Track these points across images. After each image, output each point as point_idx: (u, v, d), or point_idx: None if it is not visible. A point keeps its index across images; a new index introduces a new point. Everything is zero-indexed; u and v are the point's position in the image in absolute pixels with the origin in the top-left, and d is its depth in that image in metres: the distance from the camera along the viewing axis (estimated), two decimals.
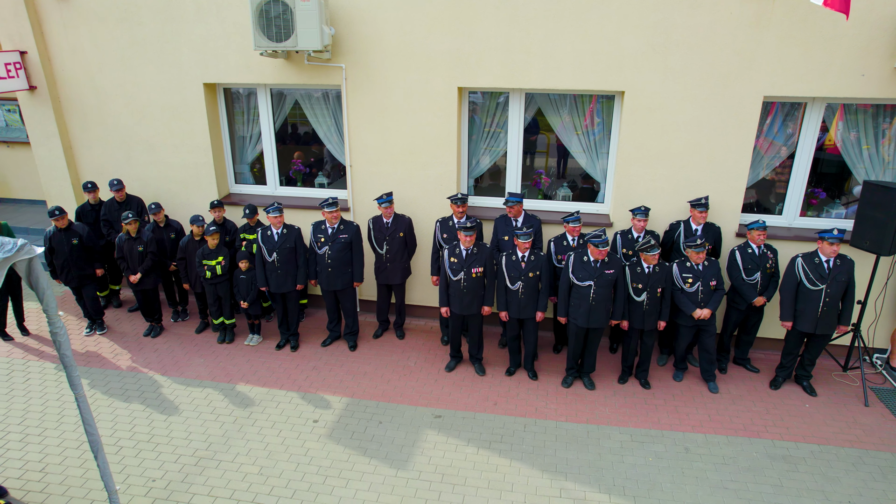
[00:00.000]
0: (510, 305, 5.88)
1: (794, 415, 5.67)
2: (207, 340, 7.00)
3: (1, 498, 3.26)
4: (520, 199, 6.08)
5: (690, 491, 4.75)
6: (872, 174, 6.09)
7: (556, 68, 6.02)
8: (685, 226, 6.08)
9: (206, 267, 6.59)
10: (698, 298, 5.72)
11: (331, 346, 6.86)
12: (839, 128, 6.10)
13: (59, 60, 7.11)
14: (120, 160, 7.48)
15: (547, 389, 6.06)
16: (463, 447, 5.22)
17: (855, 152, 6.09)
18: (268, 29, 6.00)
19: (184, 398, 5.92)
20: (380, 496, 4.69)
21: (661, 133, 6.05)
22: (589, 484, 4.81)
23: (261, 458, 5.11)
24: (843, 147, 6.10)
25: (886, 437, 5.36)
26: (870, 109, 5.92)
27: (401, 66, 6.32)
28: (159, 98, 7.07)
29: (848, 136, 6.06)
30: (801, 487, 4.78)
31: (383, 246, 6.50)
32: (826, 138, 6.17)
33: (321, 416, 5.63)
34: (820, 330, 5.62)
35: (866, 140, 6.07)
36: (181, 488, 4.78)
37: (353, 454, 5.14)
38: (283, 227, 6.34)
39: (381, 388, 6.07)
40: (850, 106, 5.94)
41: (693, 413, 5.70)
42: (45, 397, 5.91)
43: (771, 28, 5.51)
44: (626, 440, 5.33)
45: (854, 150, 6.08)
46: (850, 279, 5.51)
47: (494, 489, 4.76)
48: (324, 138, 7.19)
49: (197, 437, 5.37)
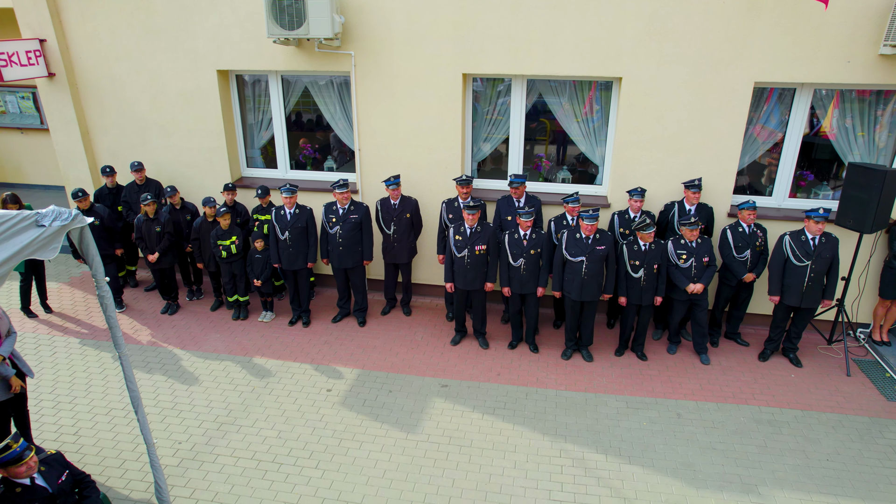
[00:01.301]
0: (512, 281, 6.19)
1: (781, 384, 6.01)
2: (222, 317, 7.32)
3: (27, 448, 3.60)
4: (523, 180, 6.38)
5: (681, 451, 5.09)
6: (869, 160, 6.36)
7: (557, 55, 6.30)
8: (679, 206, 6.38)
9: (220, 247, 6.89)
10: (692, 274, 6.04)
11: (341, 322, 7.19)
12: (834, 115, 6.38)
13: (77, 48, 7.36)
14: (135, 145, 7.75)
15: (547, 361, 6.39)
16: (469, 413, 5.56)
17: (848, 139, 6.34)
18: (280, 17, 6.26)
19: (203, 370, 6.25)
20: (391, 456, 5.03)
21: (656, 118, 6.33)
22: (587, 446, 5.15)
23: (279, 423, 5.44)
24: (838, 134, 6.36)
25: (865, 403, 5.70)
26: (868, 97, 6.16)
27: (408, 54, 6.59)
28: (174, 84, 7.33)
29: (843, 123, 6.33)
30: (783, 448, 5.12)
31: (391, 226, 6.80)
32: (822, 126, 6.45)
33: (334, 386, 5.96)
34: (805, 304, 5.94)
35: (861, 128, 6.35)
36: (205, 450, 5.11)
37: (365, 419, 5.48)
38: (295, 207, 6.63)
39: (390, 361, 6.40)
40: (847, 94, 6.20)
41: (685, 382, 6.03)
42: (72, 369, 6.23)
43: (762, 16, 5.78)
44: (621, 407, 5.67)
45: (848, 137, 6.34)
46: (835, 256, 5.83)
47: (498, 450, 5.10)
48: (332, 123, 7.46)
49: (217, 404, 5.70)
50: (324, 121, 7.55)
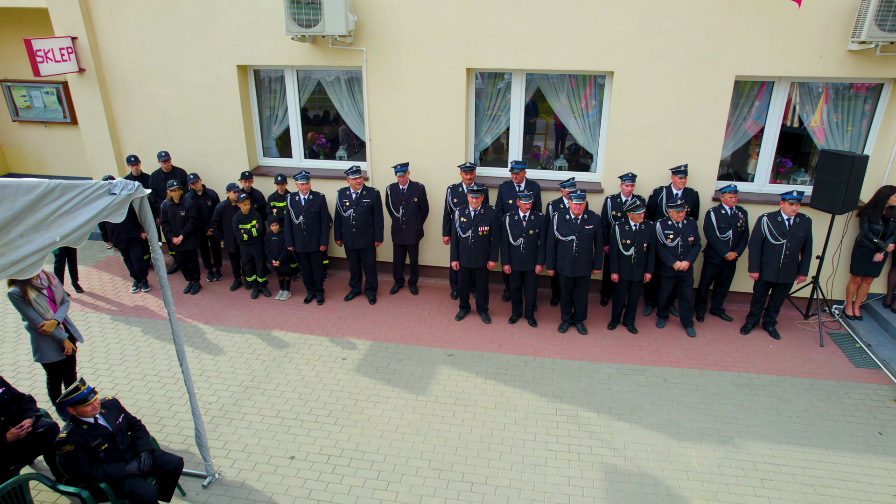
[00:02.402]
0: (513, 259, 6.71)
1: (759, 353, 6.53)
2: (242, 296, 7.84)
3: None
4: (523, 166, 6.90)
5: (666, 410, 5.61)
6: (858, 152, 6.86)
7: (554, 51, 6.81)
8: (667, 190, 6.90)
9: (241, 230, 7.41)
10: (678, 252, 6.56)
11: (353, 300, 7.71)
12: (824, 110, 6.88)
13: (106, 45, 7.87)
14: (159, 135, 8.26)
15: (545, 334, 6.92)
16: (473, 378, 6.08)
17: (833, 133, 6.86)
18: (298, 15, 6.77)
19: (226, 342, 6.77)
20: (403, 414, 5.55)
21: (646, 109, 6.85)
22: (580, 405, 5.68)
23: (299, 387, 5.96)
24: (828, 128, 6.87)
25: (835, 369, 6.23)
26: (864, 92, 6.64)
27: (415, 50, 7.10)
28: (196, 79, 7.84)
29: (832, 118, 6.83)
30: (758, 407, 5.65)
31: (399, 210, 7.32)
32: (812, 120, 6.95)
33: (349, 355, 6.48)
34: (782, 279, 6.46)
35: (850, 122, 6.84)
36: (234, 409, 5.63)
37: (378, 383, 6.00)
38: (309, 194, 7.15)
39: (400, 334, 6.92)
40: (838, 89, 6.70)
41: (672, 352, 6.56)
42: (107, 341, 6.75)
43: (742, 15, 6.29)
44: (613, 373, 6.19)
45: (833, 130, 6.85)
46: (808, 235, 6.35)
47: (500, 409, 5.62)
48: (342, 116, 7.97)
49: (242, 371, 6.22)
50: (330, 116, 8.07)
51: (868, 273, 6.78)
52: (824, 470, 4.88)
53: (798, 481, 4.76)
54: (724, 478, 4.81)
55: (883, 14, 5.58)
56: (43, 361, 5.14)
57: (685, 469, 4.90)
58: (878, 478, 4.79)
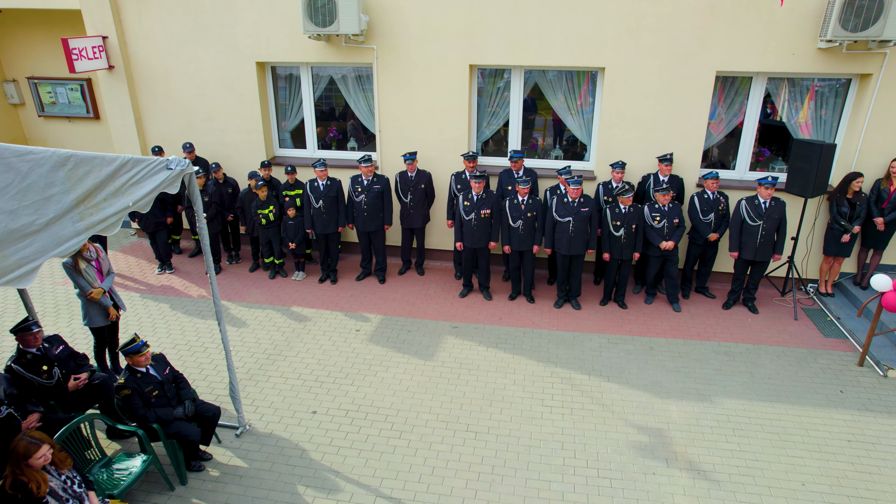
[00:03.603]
0: (512, 240, 7.30)
1: (739, 326, 7.13)
2: (260, 277, 8.43)
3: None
4: (522, 155, 7.50)
5: (651, 373, 6.20)
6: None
7: (550, 49, 7.40)
8: (654, 177, 7.49)
9: (260, 215, 8.00)
10: (664, 233, 7.15)
11: (363, 280, 8.30)
12: (810, 107, 7.46)
13: (134, 44, 8.46)
14: (182, 128, 8.85)
15: (542, 310, 7.51)
16: (475, 346, 6.67)
17: (822, 126, 7.46)
18: (314, 16, 7.36)
19: (248, 316, 7.35)
20: (413, 377, 6.14)
21: (634, 102, 7.44)
22: (573, 369, 6.27)
23: (318, 354, 6.55)
24: (814, 123, 7.46)
25: (806, 339, 6.82)
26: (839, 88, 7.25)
27: (422, 48, 7.69)
28: (217, 75, 8.43)
29: (818, 114, 7.42)
30: (735, 371, 6.24)
31: (407, 196, 7.91)
32: (799, 115, 7.54)
33: (362, 327, 7.08)
34: (759, 257, 7.05)
35: (835, 117, 7.43)
36: (259, 373, 6.22)
37: (389, 351, 6.59)
38: (327, 180, 7.74)
39: (408, 309, 7.51)
40: (822, 87, 7.30)
41: (658, 325, 7.15)
42: (138, 316, 7.34)
43: (721, 16, 6.88)
44: (603, 342, 6.78)
45: (817, 124, 7.46)
46: (782, 216, 6.93)
47: (501, 372, 6.21)
48: (353, 109, 8.56)
49: (264, 341, 6.81)
50: (336, 112, 8.67)
51: (839, 253, 7.37)
52: (789, 421, 5.47)
53: (766, 430, 5.35)
54: (701, 428, 5.40)
55: (845, 15, 6.17)
56: (91, 326, 5.73)
57: (667, 421, 5.49)
58: (836, 427, 5.38)
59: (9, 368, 4.74)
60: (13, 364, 4.74)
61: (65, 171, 3.13)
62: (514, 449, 5.13)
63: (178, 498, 4.66)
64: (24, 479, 3.45)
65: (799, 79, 7.31)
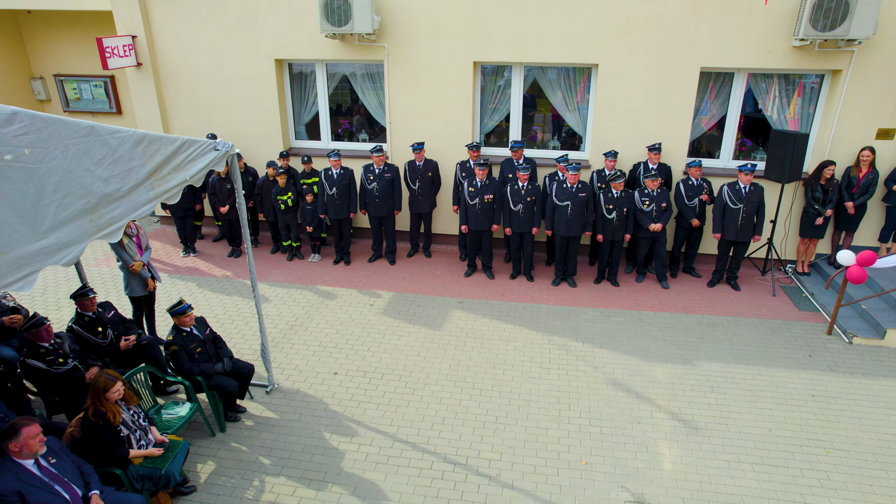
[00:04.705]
0: (513, 223, 7.93)
1: (721, 301, 7.76)
2: (279, 259, 9.06)
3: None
4: (521, 145, 8.14)
5: (640, 341, 6.84)
6: None
7: (547, 47, 8.03)
8: (644, 165, 8.12)
9: (279, 201, 8.63)
10: (653, 216, 7.78)
11: (375, 262, 8.94)
12: (798, 103, 8.08)
13: (161, 42, 9.09)
14: (204, 121, 9.47)
15: (540, 287, 8.14)
16: (479, 318, 7.30)
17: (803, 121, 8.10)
18: (331, 16, 7.98)
19: (270, 293, 7.98)
20: (423, 343, 6.77)
21: (626, 96, 8.07)
22: (569, 338, 6.90)
23: (336, 325, 7.18)
24: (800, 118, 8.09)
25: (782, 312, 7.45)
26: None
27: (430, 46, 8.31)
28: (238, 71, 9.05)
29: (807, 110, 8.06)
30: (715, 339, 6.87)
31: (416, 183, 8.54)
32: (787, 112, 8.16)
33: (375, 302, 7.71)
34: (740, 238, 7.68)
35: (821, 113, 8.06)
36: (283, 341, 6.85)
37: (401, 322, 7.22)
38: (340, 168, 8.36)
39: (417, 287, 8.14)
40: (806, 84, 7.94)
41: (648, 300, 7.78)
42: (168, 293, 7.96)
43: (705, 17, 7.51)
44: (597, 315, 7.41)
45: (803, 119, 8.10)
46: (761, 200, 7.56)
47: (503, 340, 6.84)
48: (364, 103, 9.19)
49: (286, 314, 7.44)
50: (343, 108, 9.30)
51: (814, 235, 8.01)
52: (762, 380, 6.10)
53: (740, 388, 5.98)
54: (683, 386, 6.03)
55: (815, 16, 6.81)
56: (131, 295, 6.36)
57: (652, 381, 6.12)
58: (802, 385, 6.02)
59: (70, 329, 5.38)
60: (74, 325, 5.38)
61: (141, 147, 3.76)
62: (515, 403, 5.76)
63: (219, 442, 5.29)
64: (102, 410, 4.08)
65: (781, 75, 7.94)
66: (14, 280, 2.85)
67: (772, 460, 5.02)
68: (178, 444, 4.62)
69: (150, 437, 4.47)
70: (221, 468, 4.97)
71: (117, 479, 4.20)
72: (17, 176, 2.85)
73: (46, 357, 4.85)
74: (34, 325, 4.84)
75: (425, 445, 5.21)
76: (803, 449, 5.15)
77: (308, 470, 4.94)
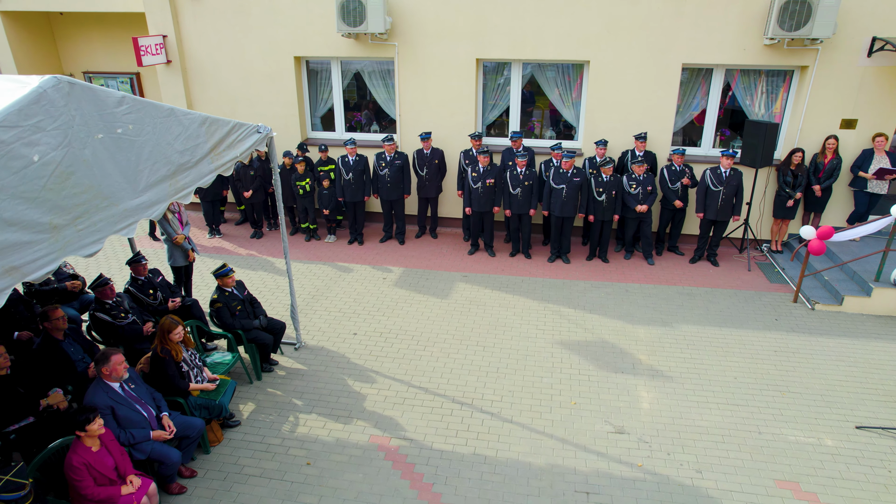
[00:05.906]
0: (512, 205, 8.74)
1: (701, 275, 8.57)
2: (297, 240, 9.87)
3: None
4: (520, 135, 8.95)
5: (625, 308, 7.65)
6: None
7: (543, 45, 8.83)
8: (631, 152, 8.92)
9: (298, 186, 9.44)
10: (639, 198, 8.58)
11: (386, 243, 9.75)
12: (784, 99, 8.87)
13: (189, 41, 9.89)
14: (227, 113, 10.26)
15: (537, 263, 8.95)
16: (482, 289, 8.11)
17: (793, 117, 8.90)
18: (347, 17, 8.78)
19: (293, 269, 8.73)
20: (432, 310, 7.58)
21: (615, 90, 8.87)
22: (562, 305, 7.71)
23: (353, 294, 7.99)
24: (784, 114, 8.88)
25: (755, 284, 8.26)
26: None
27: (436, 44, 9.11)
28: (260, 68, 9.85)
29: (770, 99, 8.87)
30: (693, 306, 7.68)
31: (423, 170, 9.34)
32: (775, 107, 8.96)
33: (387, 276, 8.52)
34: (720, 217, 8.48)
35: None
36: (306, 308, 7.65)
37: (411, 293, 8.03)
38: (355, 156, 9.17)
39: (425, 263, 8.96)
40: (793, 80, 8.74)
41: (634, 274, 8.59)
42: (199, 269, 8.77)
43: (685, 17, 8.31)
44: (587, 287, 8.22)
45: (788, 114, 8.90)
46: (739, 184, 8.36)
47: (503, 307, 7.65)
48: (376, 98, 9.99)
49: (307, 286, 8.25)
50: (351, 104, 10.10)
51: (786, 216, 8.81)
52: (732, 339, 6.91)
53: (712, 346, 6.79)
54: (662, 345, 6.84)
55: (782, 17, 7.60)
56: (174, 265, 7.17)
57: (635, 340, 6.93)
58: (767, 343, 6.83)
59: (126, 290, 6.20)
60: (130, 287, 6.19)
61: (205, 127, 4.57)
62: (513, 357, 6.57)
63: (257, 388, 6.10)
64: (168, 347, 4.90)
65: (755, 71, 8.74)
66: (123, 227, 3.66)
67: (734, 401, 5.83)
68: (227, 382, 5.43)
69: (204, 375, 5.28)
70: (261, 408, 5.79)
71: (180, 407, 5.01)
72: (125, 146, 3.66)
73: (111, 311, 5.67)
74: (101, 283, 5.65)
75: (436, 390, 6.03)
76: (762, 392, 5.96)
77: (335, 409, 5.76)
